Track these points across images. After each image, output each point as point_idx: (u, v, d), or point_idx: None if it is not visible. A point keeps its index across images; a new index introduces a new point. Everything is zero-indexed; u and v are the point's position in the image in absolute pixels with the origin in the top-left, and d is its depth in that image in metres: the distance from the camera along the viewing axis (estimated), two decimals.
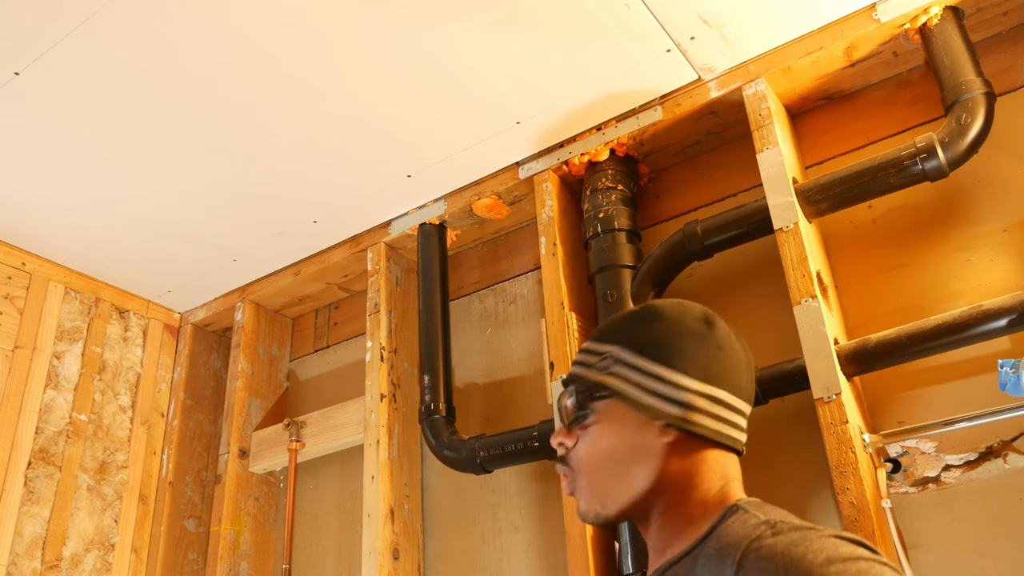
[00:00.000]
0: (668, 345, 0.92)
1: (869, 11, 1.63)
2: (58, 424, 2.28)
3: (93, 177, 2.03)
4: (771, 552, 0.72)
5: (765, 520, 0.78)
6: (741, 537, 0.77)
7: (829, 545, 0.71)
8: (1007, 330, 1.34)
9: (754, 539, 0.75)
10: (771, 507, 0.84)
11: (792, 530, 0.75)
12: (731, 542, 0.78)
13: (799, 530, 0.75)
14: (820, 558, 0.69)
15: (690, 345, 0.92)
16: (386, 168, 2.06)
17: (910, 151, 1.51)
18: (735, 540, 0.77)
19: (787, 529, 0.75)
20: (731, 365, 0.93)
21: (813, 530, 0.75)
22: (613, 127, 1.93)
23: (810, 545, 0.71)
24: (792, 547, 0.72)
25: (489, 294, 2.28)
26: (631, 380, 0.92)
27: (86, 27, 1.58)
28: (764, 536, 0.75)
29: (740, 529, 0.79)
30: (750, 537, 0.76)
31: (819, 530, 0.75)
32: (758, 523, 0.78)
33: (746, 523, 0.80)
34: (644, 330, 0.95)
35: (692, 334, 0.93)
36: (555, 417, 1.78)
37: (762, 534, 0.76)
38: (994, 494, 1.40)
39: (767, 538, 0.75)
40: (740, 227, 1.69)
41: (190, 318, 2.70)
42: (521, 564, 1.92)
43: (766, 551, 0.73)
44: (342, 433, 2.27)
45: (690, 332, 0.93)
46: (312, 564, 2.32)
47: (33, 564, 2.12)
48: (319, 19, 1.60)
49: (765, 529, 0.76)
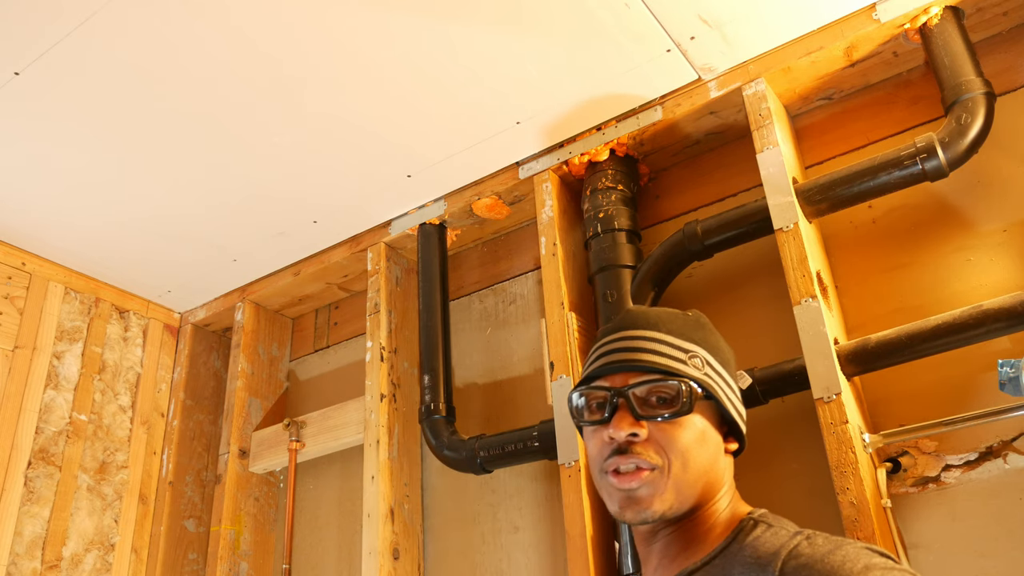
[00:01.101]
0: (730, 359, 1.03)
1: (869, 11, 1.63)
2: (58, 424, 2.28)
3: (93, 177, 2.03)
4: (811, 559, 0.77)
5: (798, 531, 0.85)
6: (779, 547, 0.82)
7: (864, 554, 0.77)
8: (1007, 330, 1.34)
9: (792, 548, 0.81)
10: (781, 518, 0.92)
11: (825, 540, 0.81)
12: (769, 551, 0.83)
13: (831, 540, 0.81)
14: (859, 565, 0.74)
15: (732, 361, 1.04)
16: (386, 168, 2.06)
17: (910, 151, 1.51)
18: (773, 550, 0.82)
19: (821, 539, 0.82)
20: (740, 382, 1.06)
21: (843, 540, 0.81)
22: (613, 127, 1.93)
23: (847, 553, 0.77)
24: (830, 555, 0.77)
25: (489, 294, 2.28)
26: (721, 387, 0.98)
27: (86, 27, 1.58)
28: (801, 545, 0.81)
29: (775, 539, 0.84)
30: (788, 547, 0.81)
31: (848, 540, 0.81)
32: (793, 533, 0.85)
33: (777, 534, 0.85)
34: (716, 340, 1.03)
35: (729, 350, 1.05)
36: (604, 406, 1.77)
37: (799, 544, 0.81)
38: (994, 494, 1.39)
39: (804, 547, 0.80)
40: (740, 227, 1.69)
41: (190, 318, 2.70)
42: (521, 564, 1.92)
43: (805, 559, 0.78)
44: (342, 433, 2.27)
45: (729, 349, 1.05)
46: (312, 564, 2.32)
47: (33, 564, 2.12)
48: (319, 19, 1.60)
49: (801, 539, 0.82)
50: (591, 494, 1.67)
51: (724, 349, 1.03)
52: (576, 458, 1.68)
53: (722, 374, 0.98)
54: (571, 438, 1.71)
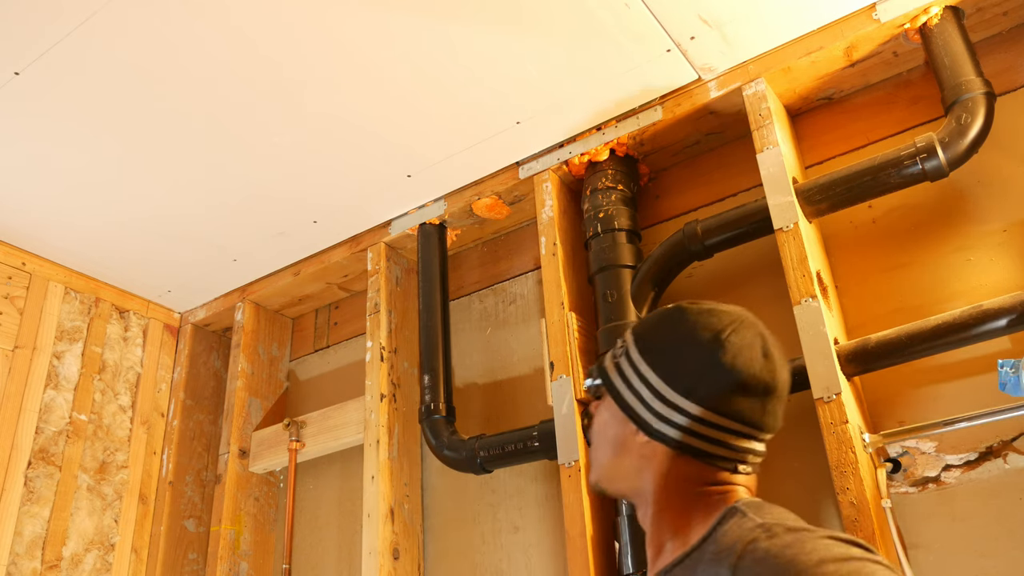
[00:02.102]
0: (669, 354, 0.90)
1: (869, 11, 1.63)
2: (58, 424, 2.28)
3: (93, 177, 2.03)
4: (766, 554, 0.73)
5: (760, 523, 0.78)
6: (736, 541, 0.78)
7: (822, 546, 0.72)
8: (1007, 330, 1.34)
9: (749, 542, 0.76)
10: (771, 508, 0.84)
11: (786, 532, 0.75)
12: (727, 545, 0.78)
13: (793, 532, 0.75)
14: (813, 559, 0.70)
15: (690, 360, 0.89)
16: (386, 168, 2.06)
17: (910, 151, 1.51)
18: (730, 544, 0.78)
19: (781, 531, 0.76)
20: (736, 391, 0.86)
21: (807, 531, 0.75)
22: (613, 127, 1.93)
23: (803, 546, 0.72)
24: (786, 549, 0.72)
25: (489, 294, 2.28)
26: (627, 378, 0.92)
27: (86, 27, 1.58)
28: (759, 539, 0.76)
29: (735, 533, 0.79)
30: (745, 540, 0.76)
31: (813, 531, 0.75)
32: (753, 526, 0.78)
33: (741, 526, 0.80)
34: (657, 332, 0.94)
35: (696, 349, 0.88)
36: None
37: (756, 537, 0.76)
38: (994, 494, 1.39)
39: (762, 541, 0.75)
40: (740, 227, 1.69)
41: (190, 318, 2.70)
42: (521, 564, 1.92)
43: (761, 553, 0.74)
44: (342, 433, 2.27)
45: (694, 346, 0.89)
46: (312, 564, 2.32)
47: (33, 564, 2.12)
48: (319, 20, 1.60)
49: (760, 532, 0.77)
50: (591, 494, 1.67)
51: (665, 344, 0.91)
52: (576, 458, 1.68)
53: (638, 367, 0.91)
54: (571, 438, 1.71)
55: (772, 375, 0.89)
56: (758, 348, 0.89)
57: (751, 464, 0.90)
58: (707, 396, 0.87)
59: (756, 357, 0.88)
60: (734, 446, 0.88)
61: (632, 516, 1.60)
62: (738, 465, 0.89)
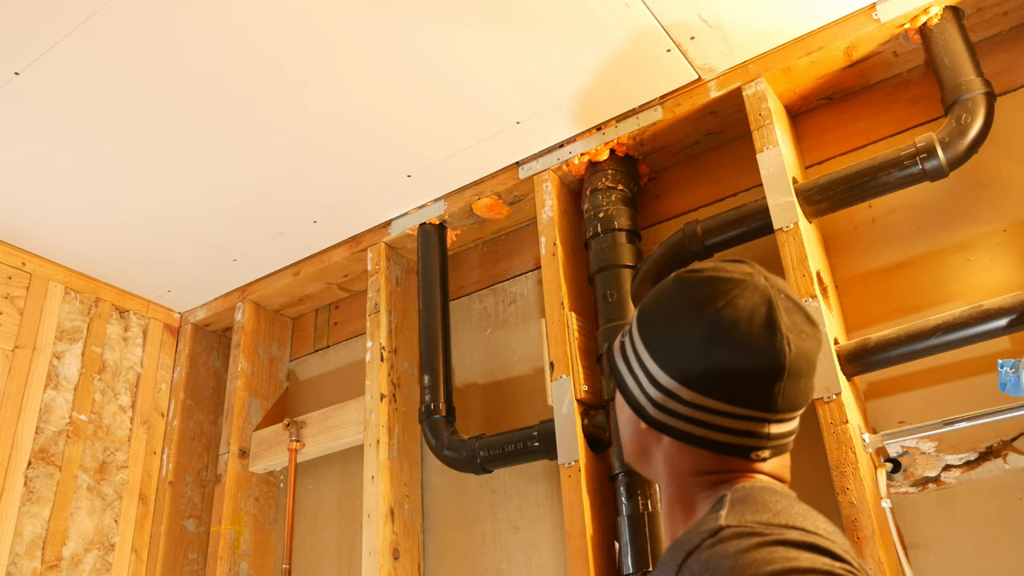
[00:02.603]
0: (662, 334, 0.80)
1: (869, 11, 1.63)
2: (58, 424, 2.28)
3: (93, 177, 2.03)
4: (703, 567, 0.65)
5: (714, 527, 0.69)
6: (686, 546, 0.69)
7: (763, 556, 0.63)
8: (1007, 330, 1.34)
9: (693, 550, 0.68)
10: (758, 496, 0.74)
11: (733, 538, 0.66)
12: (679, 550, 0.70)
13: (741, 537, 0.66)
14: (748, 573, 0.62)
15: (681, 340, 0.78)
16: (386, 168, 2.06)
17: (910, 151, 1.51)
18: (679, 548, 0.70)
19: (729, 536, 0.67)
20: (731, 373, 0.76)
21: (756, 536, 0.66)
22: (613, 127, 1.93)
23: (742, 557, 0.63)
24: (723, 560, 0.64)
25: (489, 294, 2.28)
26: (628, 361, 0.84)
27: (86, 27, 1.58)
28: (704, 546, 0.67)
29: (692, 535, 0.71)
30: (691, 547, 0.68)
31: (764, 536, 0.66)
32: (707, 529, 0.69)
33: (700, 527, 0.71)
34: (654, 307, 0.84)
35: (688, 327, 0.78)
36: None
37: (702, 543, 0.68)
38: (994, 494, 1.39)
39: (704, 549, 0.67)
40: (740, 227, 1.69)
41: (190, 318, 2.70)
42: (521, 564, 1.92)
43: (699, 565, 0.66)
44: (342, 433, 2.27)
45: (687, 324, 0.78)
46: (312, 564, 2.32)
47: (33, 564, 2.12)
48: (319, 20, 1.60)
49: (707, 536, 0.68)
50: (591, 494, 1.67)
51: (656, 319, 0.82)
52: (576, 458, 1.68)
53: (636, 347, 0.83)
54: (571, 438, 1.71)
55: (777, 350, 0.75)
56: (759, 320, 0.75)
57: (770, 447, 0.78)
58: (702, 381, 0.76)
59: (756, 331, 0.75)
60: (740, 430, 0.77)
61: (632, 516, 1.60)
62: (751, 452, 0.77)
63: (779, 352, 0.75)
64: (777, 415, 0.77)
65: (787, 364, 0.75)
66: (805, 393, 0.79)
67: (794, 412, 0.79)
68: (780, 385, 0.75)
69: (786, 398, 0.76)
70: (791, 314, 0.77)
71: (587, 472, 1.68)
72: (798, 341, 0.76)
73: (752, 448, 0.78)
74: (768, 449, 0.78)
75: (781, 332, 0.75)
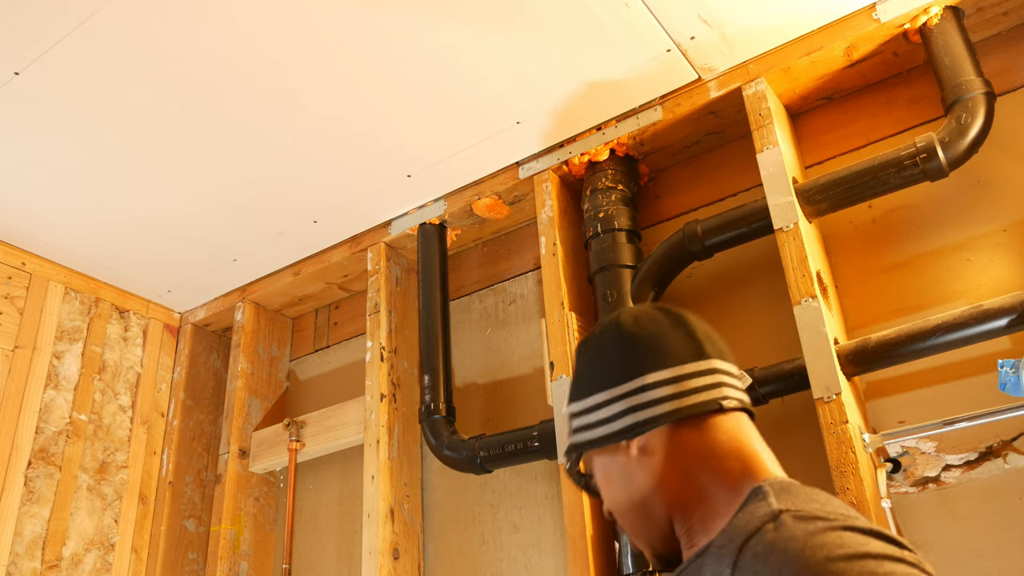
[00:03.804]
0: (591, 372, 0.91)
1: (869, 11, 1.63)
2: (58, 424, 2.28)
3: (93, 177, 2.03)
4: (768, 549, 0.65)
5: (773, 510, 0.69)
6: (742, 531, 0.69)
7: (833, 540, 0.62)
8: (1007, 330, 1.34)
9: (753, 533, 0.67)
10: (800, 490, 0.74)
11: (796, 522, 0.66)
12: (732, 536, 0.70)
13: (805, 521, 0.66)
14: (820, 555, 0.61)
15: (607, 358, 0.89)
16: (386, 168, 2.06)
17: (910, 151, 1.51)
18: (736, 534, 0.70)
19: (791, 521, 0.66)
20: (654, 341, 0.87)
21: (822, 520, 0.66)
22: (613, 127, 1.93)
23: (810, 540, 0.63)
24: (791, 542, 0.64)
25: (489, 294, 2.28)
26: (586, 426, 0.89)
27: (86, 27, 1.58)
28: (765, 530, 0.67)
29: (745, 521, 0.71)
30: (749, 531, 0.68)
31: (830, 521, 0.66)
32: (765, 513, 0.69)
33: (754, 513, 0.71)
34: (577, 373, 0.94)
35: (606, 347, 0.90)
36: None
37: (763, 527, 0.67)
38: (994, 494, 1.39)
39: (767, 533, 0.66)
40: (740, 227, 1.69)
41: (190, 318, 2.70)
42: (521, 564, 1.92)
43: (763, 548, 0.65)
44: (342, 433, 2.27)
45: (604, 346, 0.91)
46: (312, 564, 2.32)
47: (33, 564, 2.12)
48: (319, 20, 1.60)
49: (767, 521, 0.68)
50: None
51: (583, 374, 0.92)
52: None
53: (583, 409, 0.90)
54: None
55: (675, 314, 0.91)
56: (650, 309, 0.93)
57: (734, 398, 0.86)
58: (639, 363, 0.86)
59: (652, 312, 0.92)
60: (699, 387, 0.84)
61: None
62: (719, 402, 0.84)
63: (678, 315, 0.91)
64: (715, 360, 0.87)
65: (690, 320, 0.90)
66: (726, 348, 0.91)
67: (728, 361, 0.89)
68: (698, 334, 0.88)
69: (712, 344, 0.88)
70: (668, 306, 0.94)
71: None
72: (685, 312, 0.92)
73: (720, 398, 0.85)
74: (735, 400, 0.86)
75: (669, 308, 0.92)
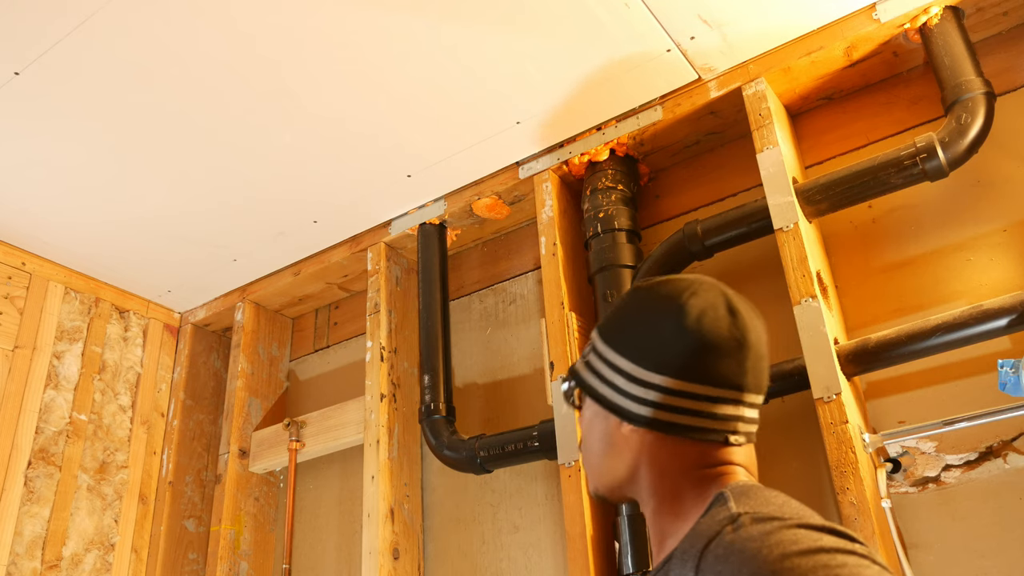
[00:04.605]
0: (632, 335, 0.86)
1: (869, 11, 1.63)
2: (58, 424, 2.28)
3: (93, 177, 2.03)
4: (727, 551, 0.67)
5: (730, 514, 0.72)
6: (703, 536, 0.72)
7: (788, 537, 0.65)
8: (1007, 330, 1.34)
9: (713, 537, 0.70)
10: (758, 493, 0.78)
11: (755, 523, 0.69)
12: (694, 542, 0.73)
13: (762, 522, 0.69)
14: (775, 553, 0.63)
15: (653, 334, 0.85)
16: (386, 168, 2.06)
17: (910, 151, 1.51)
18: (697, 539, 0.72)
19: (749, 522, 0.69)
20: (706, 353, 0.82)
21: (777, 520, 0.69)
22: (613, 127, 1.93)
23: (766, 539, 0.66)
24: (748, 543, 0.66)
25: (489, 294, 2.28)
26: (598, 372, 0.88)
27: (86, 27, 1.58)
28: (724, 533, 0.70)
29: (706, 526, 0.74)
30: (710, 535, 0.71)
31: (784, 520, 0.69)
32: (724, 517, 0.72)
33: (713, 518, 0.74)
34: (617, 316, 0.90)
35: (657, 320, 0.85)
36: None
37: (722, 531, 0.70)
38: (994, 494, 1.39)
39: (727, 535, 0.69)
40: (740, 227, 1.69)
41: (190, 318, 2.70)
42: (521, 564, 1.92)
43: (723, 550, 0.68)
44: (342, 433, 2.27)
45: (656, 318, 0.85)
46: (312, 564, 2.32)
47: (33, 564, 2.12)
48: (319, 20, 1.60)
49: (726, 524, 0.71)
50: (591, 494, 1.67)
51: (627, 325, 0.88)
52: (576, 458, 1.68)
53: (606, 357, 0.87)
54: (571, 438, 1.71)
55: (742, 330, 0.83)
56: (722, 306, 0.84)
57: (743, 433, 0.84)
58: (679, 365, 0.82)
59: (722, 315, 0.83)
60: (719, 415, 0.83)
61: (632, 516, 1.60)
62: (728, 436, 0.83)
63: (743, 330, 0.83)
64: (747, 394, 0.84)
65: (751, 341, 0.84)
66: (766, 376, 0.86)
67: (760, 394, 0.86)
68: (749, 361, 0.83)
69: (754, 376, 0.84)
70: (742, 303, 0.86)
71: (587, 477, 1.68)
72: (754, 324, 0.86)
73: (730, 432, 0.84)
74: (743, 435, 0.85)
75: (741, 315, 0.84)
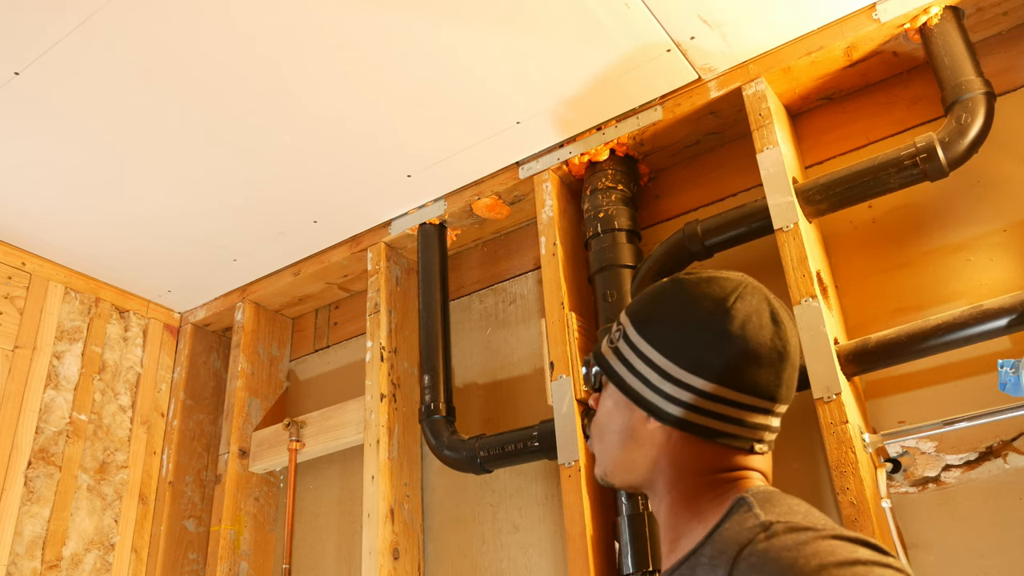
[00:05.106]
0: (671, 330, 0.84)
1: (869, 11, 1.63)
2: (58, 424, 2.28)
3: (93, 177, 2.03)
4: (762, 559, 0.67)
5: (762, 521, 0.71)
6: (733, 542, 0.71)
7: (825, 548, 0.65)
8: (1007, 330, 1.34)
9: (746, 544, 0.70)
10: (781, 499, 0.77)
11: (788, 532, 0.69)
12: (724, 548, 0.72)
13: (796, 531, 0.69)
14: (813, 563, 0.63)
15: (694, 333, 0.82)
16: (386, 168, 2.06)
17: (910, 151, 1.51)
18: (728, 546, 0.72)
19: (783, 531, 0.69)
20: (747, 361, 0.80)
21: (811, 531, 0.68)
22: (613, 127, 1.93)
23: (803, 549, 0.65)
24: (784, 552, 0.66)
25: (489, 294, 2.28)
26: (628, 361, 0.86)
27: (86, 27, 1.58)
28: (757, 540, 0.69)
29: (735, 532, 0.73)
30: (742, 542, 0.70)
31: (819, 531, 0.68)
32: (754, 524, 0.72)
33: (742, 524, 0.73)
34: (655, 307, 0.87)
35: (700, 320, 0.82)
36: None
37: (755, 538, 0.70)
38: (994, 494, 1.39)
39: (760, 543, 0.69)
40: (740, 227, 1.69)
41: (190, 318, 2.70)
42: (521, 564, 1.92)
43: (757, 558, 0.67)
44: (342, 433, 2.27)
45: (699, 318, 0.82)
46: (312, 564, 2.32)
47: (33, 564, 2.12)
48: (319, 20, 1.60)
49: (759, 532, 0.70)
50: (591, 494, 1.67)
51: (666, 320, 0.85)
52: (576, 458, 1.68)
53: (638, 348, 0.85)
54: (571, 438, 1.71)
55: (784, 340, 0.82)
56: (766, 313, 0.83)
57: (767, 443, 0.84)
58: (718, 370, 0.80)
59: (765, 323, 0.82)
60: (750, 423, 0.82)
61: (632, 516, 1.60)
62: (754, 444, 0.82)
63: (784, 341, 0.83)
64: (778, 404, 0.84)
65: (790, 353, 0.83)
66: (795, 385, 0.86)
67: (786, 404, 0.85)
68: (785, 372, 0.83)
69: (788, 386, 0.83)
70: (783, 311, 0.85)
71: (587, 472, 1.68)
72: (793, 335, 0.85)
73: (757, 440, 0.83)
74: (766, 444, 0.85)
75: (783, 325, 0.84)
